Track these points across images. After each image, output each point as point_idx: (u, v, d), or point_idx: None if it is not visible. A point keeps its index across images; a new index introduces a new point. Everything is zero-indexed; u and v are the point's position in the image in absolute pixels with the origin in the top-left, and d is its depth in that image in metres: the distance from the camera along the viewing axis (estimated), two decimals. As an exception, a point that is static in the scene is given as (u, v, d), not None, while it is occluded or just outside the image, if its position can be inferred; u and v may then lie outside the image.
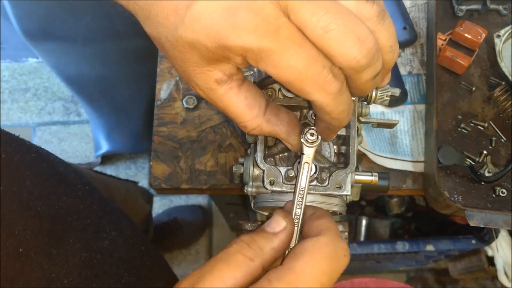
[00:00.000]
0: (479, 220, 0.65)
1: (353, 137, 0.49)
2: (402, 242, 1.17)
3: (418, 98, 0.77)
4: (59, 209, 0.53)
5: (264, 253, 0.38)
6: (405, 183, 0.73)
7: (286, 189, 0.47)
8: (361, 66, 0.36)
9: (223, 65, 0.38)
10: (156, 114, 0.77)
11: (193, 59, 0.38)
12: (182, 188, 0.74)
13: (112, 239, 0.59)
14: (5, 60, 1.97)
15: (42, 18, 1.09)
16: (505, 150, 0.73)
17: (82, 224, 0.56)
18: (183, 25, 0.36)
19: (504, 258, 1.16)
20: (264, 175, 0.47)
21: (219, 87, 0.39)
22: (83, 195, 0.60)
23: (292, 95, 0.49)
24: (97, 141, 1.68)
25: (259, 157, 0.48)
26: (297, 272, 0.36)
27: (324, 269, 0.36)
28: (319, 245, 0.37)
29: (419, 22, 0.81)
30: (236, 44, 0.35)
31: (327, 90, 0.37)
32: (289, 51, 0.35)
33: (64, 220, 0.54)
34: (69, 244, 0.52)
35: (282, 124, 0.44)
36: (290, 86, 0.37)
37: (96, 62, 1.25)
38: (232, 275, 0.36)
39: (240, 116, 0.41)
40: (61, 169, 0.60)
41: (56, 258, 0.50)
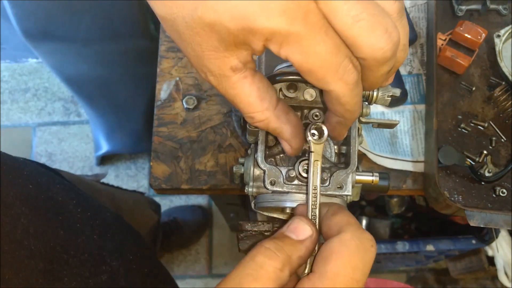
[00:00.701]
0: (479, 220, 0.65)
1: (353, 137, 0.49)
2: (402, 242, 1.17)
3: (418, 98, 0.77)
4: (55, 246, 0.52)
5: (292, 261, 0.37)
6: (405, 183, 0.73)
7: (287, 189, 0.47)
8: (385, 58, 0.35)
9: (240, 52, 0.37)
10: (156, 114, 0.77)
11: (210, 43, 0.36)
12: (182, 188, 0.74)
13: (112, 270, 0.58)
14: (5, 61, 1.97)
15: (42, 19, 1.09)
16: (505, 150, 0.73)
17: (79, 260, 0.54)
18: (204, 5, 0.34)
19: (504, 258, 1.16)
20: (265, 175, 0.47)
21: (234, 75, 0.38)
22: (82, 225, 0.58)
23: (293, 95, 0.49)
24: (97, 142, 1.68)
25: (260, 157, 0.48)
26: (331, 276, 0.35)
27: (356, 265, 0.36)
28: (344, 242, 0.37)
29: (419, 22, 0.81)
30: (264, 27, 0.33)
31: (346, 80, 0.36)
32: (316, 38, 0.34)
33: (60, 258, 0.52)
34: (64, 283, 0.51)
35: (290, 124, 0.43)
36: (310, 74, 0.36)
37: (96, 62, 1.25)
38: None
39: (250, 106, 0.40)
40: (60, 199, 0.58)
41: None
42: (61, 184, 0.61)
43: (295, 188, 0.47)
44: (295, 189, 0.47)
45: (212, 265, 1.77)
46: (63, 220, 0.56)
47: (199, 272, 1.76)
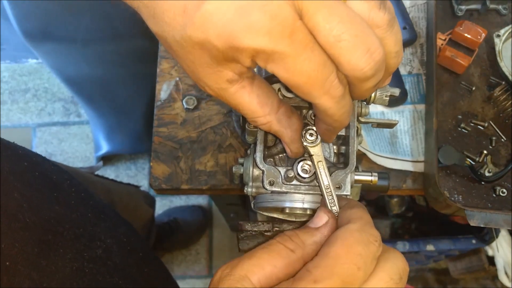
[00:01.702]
0: (479, 219, 0.65)
1: (352, 137, 0.49)
2: (403, 242, 1.17)
3: (418, 98, 0.77)
4: (49, 220, 0.53)
5: (305, 246, 0.39)
6: (405, 183, 0.73)
7: (286, 189, 0.47)
8: (366, 77, 0.36)
9: (233, 65, 0.38)
10: (156, 115, 0.77)
11: (203, 60, 0.37)
12: (182, 188, 0.74)
13: (107, 247, 0.58)
14: (5, 61, 1.97)
15: (42, 19, 1.09)
16: (505, 150, 0.73)
17: (74, 234, 0.55)
18: (192, 25, 0.35)
19: (505, 257, 1.16)
20: (264, 175, 0.47)
21: (231, 86, 0.39)
22: (76, 203, 0.59)
23: (291, 95, 0.49)
24: (97, 142, 1.68)
25: (258, 158, 0.48)
26: (333, 257, 0.36)
27: (359, 252, 0.36)
28: (350, 231, 0.38)
29: (419, 22, 0.81)
30: (248, 46, 0.34)
31: (332, 94, 0.37)
32: (302, 56, 0.34)
33: (55, 230, 0.53)
34: (59, 254, 0.51)
35: (291, 128, 0.44)
36: (296, 89, 0.37)
37: (96, 62, 1.25)
38: (272, 262, 0.37)
39: (252, 113, 0.41)
40: (55, 178, 0.59)
41: (46, 269, 0.49)
42: (55, 166, 0.62)
43: (293, 188, 0.47)
44: (294, 189, 0.47)
45: (212, 265, 1.77)
46: (58, 196, 0.56)
47: (199, 272, 1.76)
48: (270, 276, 0.37)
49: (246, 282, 0.36)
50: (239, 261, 0.37)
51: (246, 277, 0.36)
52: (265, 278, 0.36)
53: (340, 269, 0.35)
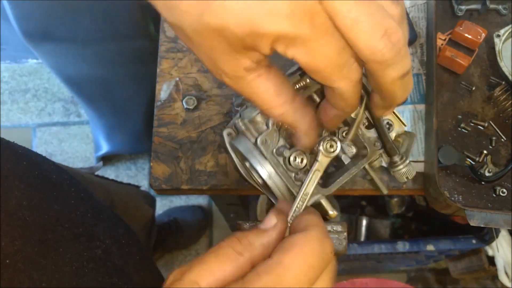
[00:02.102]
0: (479, 219, 0.65)
1: (345, 176, 0.48)
2: (403, 242, 1.17)
3: (418, 98, 0.77)
4: (49, 219, 0.53)
5: (253, 248, 0.39)
6: (405, 183, 0.73)
7: (269, 158, 0.45)
8: (386, 60, 0.35)
9: (251, 53, 0.37)
10: (156, 115, 0.77)
11: (220, 47, 0.36)
12: (182, 188, 0.74)
13: (106, 247, 0.58)
14: (5, 61, 1.97)
15: (42, 19, 1.09)
16: (505, 150, 0.73)
17: (73, 233, 0.55)
18: (210, 12, 0.34)
19: (505, 257, 1.16)
20: (264, 132, 0.45)
21: (248, 75, 0.39)
22: (76, 203, 0.59)
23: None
24: (97, 142, 1.68)
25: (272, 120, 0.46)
26: (286, 265, 0.36)
27: (312, 263, 0.37)
28: (308, 239, 0.38)
29: (418, 22, 0.81)
30: (270, 31, 0.34)
31: (351, 78, 0.37)
32: (322, 39, 0.34)
33: (54, 229, 0.53)
34: (59, 253, 0.51)
35: (306, 119, 0.43)
36: (316, 73, 0.37)
37: (96, 62, 1.25)
38: (221, 267, 0.37)
39: (267, 102, 0.40)
40: (54, 177, 0.59)
41: (45, 268, 0.49)
42: (55, 166, 0.62)
43: (275, 162, 0.45)
44: (274, 164, 0.45)
45: (213, 266, 1.77)
46: (57, 196, 0.56)
47: (200, 273, 1.76)
48: (220, 280, 0.37)
49: (196, 286, 0.36)
50: (190, 266, 0.37)
51: (196, 282, 0.36)
52: (215, 282, 0.37)
53: (290, 279, 0.36)
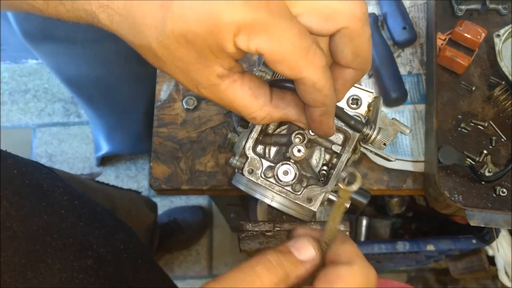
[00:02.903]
0: (479, 219, 0.65)
1: (342, 161, 0.49)
2: (403, 242, 1.17)
3: (418, 98, 0.77)
4: (38, 229, 0.52)
5: (289, 279, 0.39)
6: (405, 183, 0.73)
7: (261, 183, 0.48)
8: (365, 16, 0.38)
9: (221, 59, 0.37)
10: (156, 115, 0.77)
11: (190, 55, 0.37)
12: (182, 188, 0.74)
13: (99, 256, 0.58)
14: (5, 62, 1.97)
15: (42, 20, 1.09)
16: (505, 150, 0.73)
17: (63, 243, 0.54)
18: (172, 16, 0.34)
19: (505, 257, 1.16)
20: (246, 162, 0.48)
21: (222, 82, 0.39)
22: (67, 212, 0.58)
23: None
24: (97, 142, 1.68)
25: (248, 144, 0.49)
26: None
27: None
28: (353, 273, 0.38)
29: (418, 22, 0.81)
30: (230, 21, 0.34)
31: (317, 63, 0.37)
32: (281, 24, 0.35)
33: (43, 240, 0.52)
34: (47, 265, 0.51)
35: (291, 106, 0.43)
36: (282, 63, 0.36)
37: (95, 63, 1.25)
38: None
39: (248, 107, 0.40)
40: (45, 186, 0.58)
41: (32, 281, 0.49)
42: (48, 174, 0.62)
43: (268, 184, 0.48)
44: (268, 185, 0.48)
45: (213, 266, 1.77)
46: (47, 206, 0.56)
47: (200, 273, 1.76)
48: None
49: None
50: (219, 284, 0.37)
51: None
52: None
53: None
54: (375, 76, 0.77)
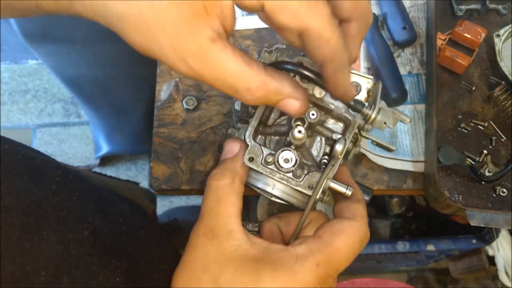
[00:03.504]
0: (479, 219, 0.65)
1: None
2: (403, 242, 1.17)
3: (418, 98, 0.77)
4: (30, 203, 0.52)
5: (237, 172, 0.46)
6: (405, 183, 0.73)
7: (262, 170, 0.48)
8: None
9: (212, 21, 0.36)
10: (156, 115, 0.77)
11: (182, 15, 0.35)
12: (182, 189, 0.74)
13: (95, 229, 0.57)
14: (5, 62, 1.97)
15: (42, 20, 1.08)
16: (505, 150, 0.73)
17: (57, 217, 0.54)
18: None
19: (505, 257, 1.16)
20: (247, 150, 0.48)
21: (213, 45, 0.37)
22: (59, 187, 0.58)
23: (305, 86, 0.49)
24: (97, 143, 1.68)
25: (248, 132, 0.48)
26: (335, 248, 0.42)
27: (354, 251, 0.43)
28: (355, 229, 0.44)
29: (418, 22, 0.81)
30: None
31: (321, 11, 0.37)
32: None
33: (36, 213, 0.52)
34: (43, 237, 0.51)
35: (287, 80, 0.42)
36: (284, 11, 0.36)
37: (95, 63, 1.25)
38: None
39: (242, 75, 0.38)
40: (38, 161, 0.58)
41: (29, 252, 0.49)
42: (40, 153, 0.61)
43: (269, 172, 0.48)
44: (269, 173, 0.48)
45: (213, 266, 1.77)
46: (37, 181, 0.55)
47: (200, 273, 1.76)
48: None
49: None
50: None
51: None
52: None
53: (337, 261, 0.42)
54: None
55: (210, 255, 0.42)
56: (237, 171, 0.46)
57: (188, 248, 0.44)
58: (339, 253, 0.42)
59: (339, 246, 0.43)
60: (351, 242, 0.43)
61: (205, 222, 0.44)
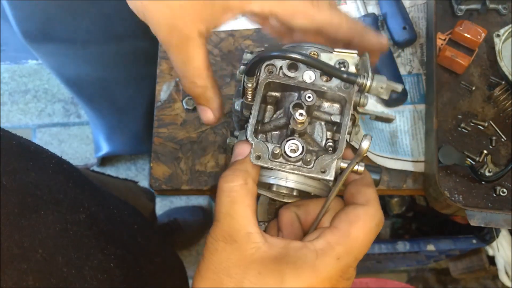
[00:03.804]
0: (479, 219, 0.65)
1: (345, 124, 0.48)
2: (403, 242, 1.17)
3: (418, 98, 0.77)
4: (27, 184, 0.52)
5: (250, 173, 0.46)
6: (406, 183, 0.73)
7: (271, 165, 0.47)
8: None
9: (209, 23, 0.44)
10: (156, 115, 0.77)
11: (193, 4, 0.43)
12: (182, 189, 0.74)
13: (91, 213, 0.58)
14: (5, 62, 1.97)
15: (42, 20, 1.09)
16: (505, 150, 0.73)
17: (54, 198, 0.54)
18: None
19: (505, 257, 1.16)
20: (252, 149, 0.47)
21: (198, 39, 0.45)
22: (54, 172, 0.58)
23: (293, 75, 0.49)
24: (97, 143, 1.68)
25: (249, 131, 0.48)
26: (354, 238, 0.42)
27: (371, 237, 0.44)
28: (370, 214, 0.44)
29: (418, 22, 0.81)
30: None
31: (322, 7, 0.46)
32: None
33: (33, 193, 0.52)
34: (40, 215, 0.51)
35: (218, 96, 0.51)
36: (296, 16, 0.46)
37: (95, 63, 1.25)
38: None
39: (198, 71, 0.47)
40: (32, 148, 0.58)
41: (27, 229, 0.49)
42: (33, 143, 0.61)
43: (278, 165, 0.47)
44: (279, 166, 0.47)
45: (213, 266, 1.77)
46: (34, 165, 0.55)
47: (200, 273, 1.76)
48: None
49: None
50: None
51: None
52: None
53: (356, 250, 0.42)
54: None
55: (231, 259, 0.42)
56: (249, 171, 0.46)
57: (207, 252, 0.43)
58: (357, 243, 0.42)
59: (357, 235, 0.43)
60: (368, 229, 0.43)
61: (222, 226, 0.43)
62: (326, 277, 0.41)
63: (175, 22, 0.44)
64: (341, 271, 0.41)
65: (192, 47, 0.46)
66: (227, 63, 0.80)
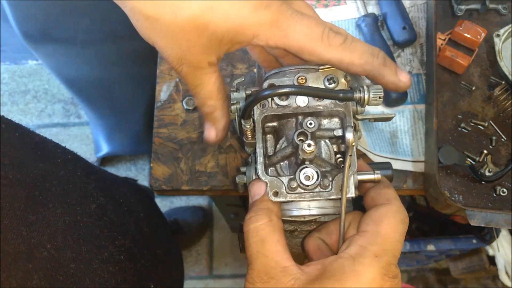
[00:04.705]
0: (480, 219, 0.65)
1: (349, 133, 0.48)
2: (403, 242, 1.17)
3: (418, 98, 0.77)
4: (35, 176, 0.51)
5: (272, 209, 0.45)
6: (406, 183, 0.73)
7: (291, 198, 0.46)
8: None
9: (220, 51, 0.44)
10: (156, 116, 0.77)
11: (199, 41, 0.42)
12: (182, 189, 0.74)
13: (100, 203, 0.57)
14: (5, 63, 1.97)
15: (42, 20, 1.09)
16: (505, 150, 0.73)
17: (63, 189, 0.53)
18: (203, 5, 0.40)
19: (505, 257, 1.16)
20: (267, 187, 0.47)
21: (209, 68, 0.45)
22: (63, 162, 0.58)
23: (285, 103, 0.49)
24: (97, 143, 1.68)
25: (260, 170, 0.47)
26: (384, 235, 0.42)
27: (401, 231, 0.43)
28: (394, 211, 0.44)
29: (418, 22, 0.81)
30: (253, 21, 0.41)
31: (333, 44, 0.43)
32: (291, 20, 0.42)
33: (42, 186, 0.51)
34: (49, 208, 0.50)
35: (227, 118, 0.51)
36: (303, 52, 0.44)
37: (95, 64, 1.25)
38: None
39: (211, 95, 0.47)
40: (37, 139, 0.58)
41: (35, 224, 0.48)
42: (37, 134, 0.61)
43: (298, 196, 0.46)
44: (298, 197, 0.46)
45: (213, 266, 1.77)
46: (42, 155, 0.55)
47: (200, 273, 1.76)
48: None
49: None
50: None
51: None
52: None
53: (390, 246, 0.42)
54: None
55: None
56: (271, 208, 0.45)
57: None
58: (389, 238, 0.42)
59: (386, 231, 0.42)
60: (394, 224, 0.43)
61: (256, 267, 0.42)
62: (370, 278, 0.40)
63: (184, 55, 0.44)
64: (383, 269, 0.41)
65: (203, 75, 0.45)
66: (227, 63, 0.80)
